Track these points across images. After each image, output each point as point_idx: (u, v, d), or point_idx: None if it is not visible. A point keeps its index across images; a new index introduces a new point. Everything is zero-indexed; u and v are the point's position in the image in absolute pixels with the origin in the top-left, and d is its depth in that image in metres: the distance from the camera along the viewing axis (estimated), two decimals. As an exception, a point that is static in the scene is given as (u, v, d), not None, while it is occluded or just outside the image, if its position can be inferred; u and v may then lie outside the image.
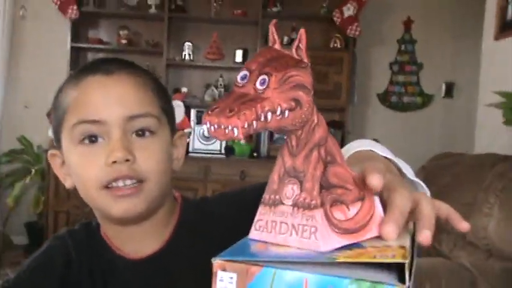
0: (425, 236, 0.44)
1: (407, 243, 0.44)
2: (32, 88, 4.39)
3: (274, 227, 0.45)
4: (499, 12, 3.23)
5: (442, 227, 0.51)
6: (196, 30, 4.50)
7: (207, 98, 4.44)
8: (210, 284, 0.42)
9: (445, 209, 0.52)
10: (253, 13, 4.34)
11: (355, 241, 0.44)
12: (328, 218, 0.43)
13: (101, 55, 4.35)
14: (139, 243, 0.81)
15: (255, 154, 4.23)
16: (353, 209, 0.45)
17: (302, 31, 0.44)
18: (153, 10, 4.33)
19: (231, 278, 0.41)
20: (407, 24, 4.68)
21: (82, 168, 0.75)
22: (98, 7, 4.39)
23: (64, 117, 0.77)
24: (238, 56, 4.40)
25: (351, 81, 4.39)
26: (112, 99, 0.75)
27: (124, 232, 0.81)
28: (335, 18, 4.27)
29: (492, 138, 3.10)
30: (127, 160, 0.73)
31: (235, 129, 0.40)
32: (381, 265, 0.40)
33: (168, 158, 0.80)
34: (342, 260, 0.40)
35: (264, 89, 0.41)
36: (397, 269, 0.39)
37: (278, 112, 0.41)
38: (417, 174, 0.68)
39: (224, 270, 0.41)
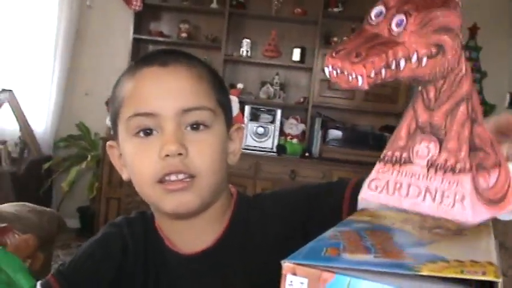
0: None
1: (494, 258, 0.38)
2: (93, 76, 4.51)
3: (398, 189, 0.39)
4: None
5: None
6: (255, 27, 4.49)
7: (262, 95, 4.43)
8: (261, 280, 0.38)
9: None
10: (314, 12, 4.29)
11: (497, 214, 0.38)
12: (475, 185, 0.37)
13: (161, 47, 4.42)
14: (192, 238, 0.80)
15: (306, 154, 4.19)
16: (493, 176, 0.39)
17: None
18: (214, 5, 4.35)
19: (302, 283, 0.36)
20: (473, 30, 4.51)
21: (136, 161, 0.75)
22: (161, 0, 4.46)
23: (120, 109, 0.76)
24: (296, 54, 4.37)
25: (409, 85, 4.28)
26: (166, 92, 0.74)
27: (177, 226, 0.79)
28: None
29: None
30: (180, 154, 0.71)
31: (359, 78, 0.35)
32: (461, 282, 0.35)
33: (223, 152, 0.78)
34: (425, 273, 0.34)
35: (400, 31, 0.36)
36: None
37: (414, 59, 0.36)
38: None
39: (294, 274, 0.36)
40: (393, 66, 0.36)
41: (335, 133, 4.29)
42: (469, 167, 0.37)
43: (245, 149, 4.15)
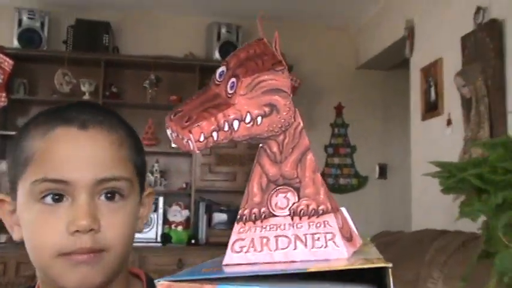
0: None
1: (381, 256, 0.40)
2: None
3: (266, 244, 0.38)
4: (423, 95, 3.41)
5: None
6: (131, 116, 4.44)
7: (142, 184, 4.32)
8: None
9: None
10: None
11: (355, 250, 0.40)
12: (338, 223, 0.38)
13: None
14: None
15: (193, 241, 4.09)
16: (338, 220, 0.41)
17: (276, 35, 0.40)
18: (86, 97, 4.27)
19: None
20: (339, 109, 4.85)
21: (38, 230, 0.66)
22: (29, 94, 4.29)
23: (24, 169, 0.67)
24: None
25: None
26: (83, 159, 0.67)
27: None
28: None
29: (428, 215, 3.15)
30: (91, 230, 0.64)
31: (190, 142, 0.36)
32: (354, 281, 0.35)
33: (135, 222, 0.72)
34: (313, 270, 0.34)
35: (232, 93, 0.38)
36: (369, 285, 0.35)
37: (248, 119, 0.37)
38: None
39: None
40: (226, 128, 0.37)
41: (220, 216, 4.26)
42: (331, 207, 0.38)
43: (128, 241, 3.96)
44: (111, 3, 4.36)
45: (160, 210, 4.15)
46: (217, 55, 4.38)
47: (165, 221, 4.20)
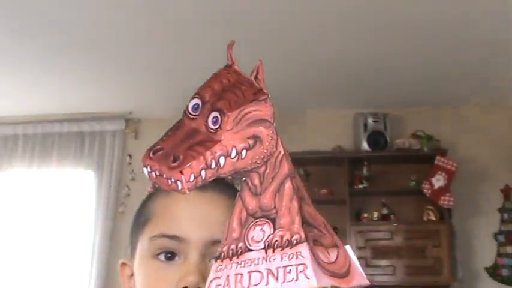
0: None
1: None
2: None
3: (240, 281, 0.36)
4: None
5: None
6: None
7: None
8: None
9: None
10: (340, 192, 4.33)
11: (346, 286, 0.37)
12: (315, 254, 0.35)
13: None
14: None
15: None
16: (332, 254, 0.38)
17: (259, 63, 0.40)
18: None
19: None
20: (507, 191, 4.41)
21: (151, 285, 0.70)
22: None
23: (145, 226, 0.73)
24: (328, 235, 4.30)
25: (451, 255, 4.07)
26: (200, 219, 0.71)
27: None
28: (425, 190, 4.15)
29: None
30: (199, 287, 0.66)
31: (179, 183, 0.35)
32: None
33: None
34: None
35: (217, 129, 0.36)
36: None
37: (233, 154, 0.36)
38: None
39: None
40: (213, 166, 0.35)
41: (382, 314, 4.00)
42: (305, 236, 0.35)
43: None
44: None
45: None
46: (365, 146, 4.35)
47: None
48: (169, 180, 0.35)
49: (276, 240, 0.36)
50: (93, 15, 3.13)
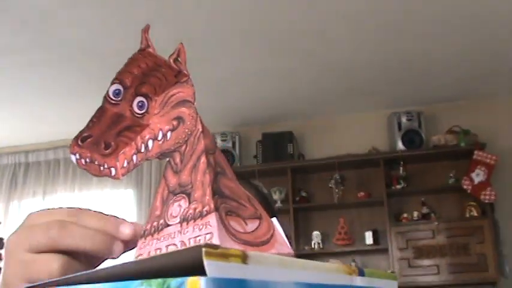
0: None
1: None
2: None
3: None
4: None
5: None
6: (322, 219, 4.51)
7: None
8: None
9: None
10: (378, 193, 4.29)
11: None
12: (224, 224, 0.36)
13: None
14: None
15: None
16: (251, 225, 0.38)
17: (180, 46, 0.40)
18: (278, 204, 4.48)
19: None
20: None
21: None
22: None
23: None
24: (369, 237, 4.27)
25: (497, 251, 3.97)
26: None
27: None
28: (465, 186, 4.07)
29: None
30: None
31: (112, 169, 0.36)
32: None
33: None
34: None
35: (143, 113, 0.38)
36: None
37: (160, 137, 0.37)
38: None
39: None
40: (143, 149, 0.37)
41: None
42: (214, 207, 0.35)
43: None
44: (292, 114, 4.64)
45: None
46: (400, 145, 4.30)
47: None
48: (102, 167, 0.36)
49: (190, 213, 0.37)
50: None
